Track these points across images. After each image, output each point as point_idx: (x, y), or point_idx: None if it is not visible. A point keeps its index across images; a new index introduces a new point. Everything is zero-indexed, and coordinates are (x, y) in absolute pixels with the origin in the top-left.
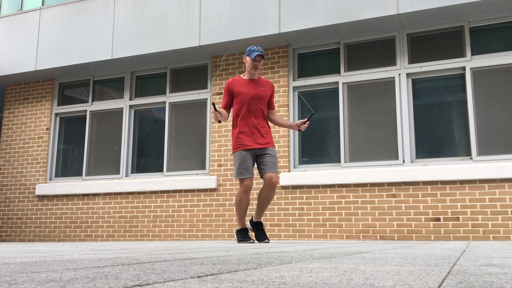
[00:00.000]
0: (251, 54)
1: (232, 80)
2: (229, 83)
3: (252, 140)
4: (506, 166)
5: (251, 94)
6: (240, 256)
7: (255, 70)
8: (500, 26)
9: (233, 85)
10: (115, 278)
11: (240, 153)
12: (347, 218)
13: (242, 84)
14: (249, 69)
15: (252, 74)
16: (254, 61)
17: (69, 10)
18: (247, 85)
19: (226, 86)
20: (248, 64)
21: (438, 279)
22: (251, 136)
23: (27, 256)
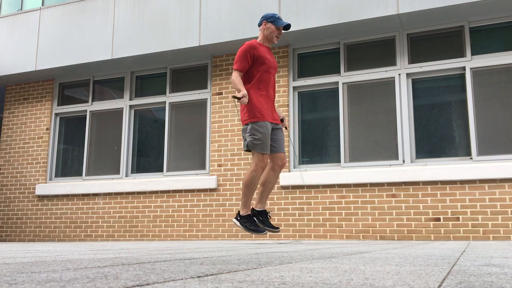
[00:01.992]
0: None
1: (255, 43)
2: (252, 46)
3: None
4: (506, 166)
5: (273, 64)
6: (240, 256)
7: (276, 39)
8: (500, 26)
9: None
10: (115, 278)
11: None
12: (347, 218)
13: (264, 51)
14: (270, 36)
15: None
16: (278, 30)
17: (69, 10)
18: (268, 53)
19: (248, 48)
20: (271, 31)
21: (438, 279)
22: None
23: (27, 256)
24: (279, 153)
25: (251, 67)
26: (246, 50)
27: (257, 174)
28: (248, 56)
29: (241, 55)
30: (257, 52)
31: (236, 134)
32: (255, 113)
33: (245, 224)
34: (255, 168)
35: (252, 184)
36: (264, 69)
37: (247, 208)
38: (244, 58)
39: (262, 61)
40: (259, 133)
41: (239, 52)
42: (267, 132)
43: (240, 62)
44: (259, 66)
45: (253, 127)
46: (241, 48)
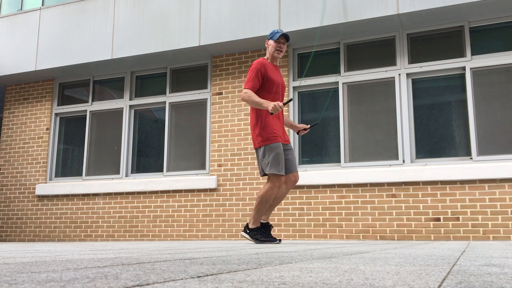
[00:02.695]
0: (274, 36)
1: (264, 62)
2: (262, 64)
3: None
4: (506, 166)
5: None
6: (240, 256)
7: (278, 53)
8: (500, 26)
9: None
10: (115, 278)
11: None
12: (347, 218)
13: (272, 70)
14: (272, 51)
15: (275, 58)
16: (277, 43)
17: (69, 10)
18: (275, 71)
19: (259, 66)
20: (271, 47)
21: (438, 279)
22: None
23: (27, 256)
24: (292, 173)
25: (261, 88)
26: (257, 69)
27: (273, 192)
28: (259, 75)
29: (251, 74)
30: (266, 72)
31: (236, 134)
32: (268, 135)
33: (256, 236)
34: (272, 186)
35: (267, 201)
36: (273, 91)
37: (257, 223)
38: (255, 77)
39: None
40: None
41: (251, 71)
42: (281, 152)
43: (251, 81)
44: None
45: (266, 149)
46: (252, 67)
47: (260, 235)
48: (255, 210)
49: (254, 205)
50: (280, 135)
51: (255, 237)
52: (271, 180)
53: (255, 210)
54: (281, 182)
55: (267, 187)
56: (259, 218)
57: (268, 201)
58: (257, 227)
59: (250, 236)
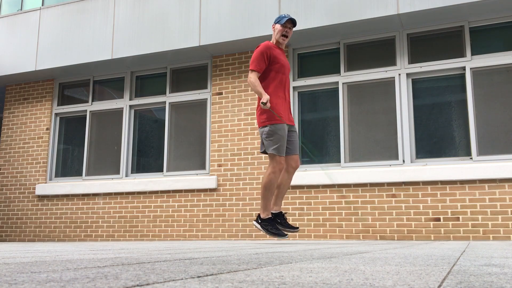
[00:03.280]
0: (281, 20)
1: (270, 44)
2: (268, 47)
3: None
4: (506, 166)
5: (287, 65)
6: (240, 256)
7: (284, 39)
8: (500, 26)
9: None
10: (115, 278)
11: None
12: (347, 218)
13: (278, 52)
14: (277, 36)
15: (281, 43)
16: (284, 28)
17: (69, 10)
18: (282, 54)
19: (264, 48)
20: (277, 31)
21: (438, 279)
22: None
23: (27, 256)
24: (293, 155)
25: (267, 68)
26: (262, 50)
27: (276, 176)
28: (265, 56)
29: (257, 56)
30: (272, 53)
31: (236, 134)
32: (273, 115)
33: (267, 227)
34: (273, 170)
35: (271, 186)
36: (280, 71)
37: (267, 211)
38: (261, 58)
39: (277, 62)
40: (277, 135)
41: (256, 53)
42: (284, 134)
43: (257, 62)
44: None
45: (271, 129)
46: (257, 49)
47: (272, 226)
48: (262, 198)
49: (261, 194)
50: (286, 116)
51: (266, 228)
52: (271, 164)
53: (262, 198)
54: (281, 164)
55: (268, 172)
56: (268, 205)
57: (272, 185)
58: (268, 218)
59: (261, 226)
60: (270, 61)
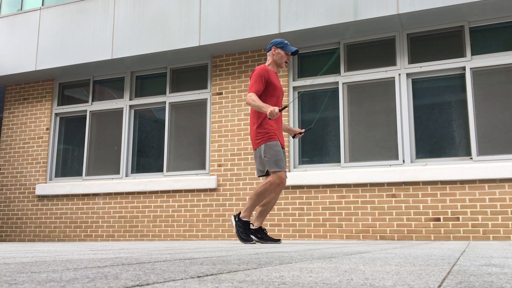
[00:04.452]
0: (286, 47)
1: (267, 68)
2: (265, 70)
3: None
4: (506, 166)
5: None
6: (240, 256)
7: (286, 65)
8: (500, 26)
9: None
10: (115, 278)
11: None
12: (347, 218)
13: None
14: (279, 61)
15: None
16: (287, 56)
17: (69, 10)
18: (277, 78)
19: (262, 72)
20: (280, 56)
21: (438, 279)
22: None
23: (27, 256)
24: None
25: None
26: (261, 74)
27: (271, 188)
28: (263, 79)
29: (256, 79)
30: (269, 77)
31: (236, 134)
32: (268, 135)
33: (239, 229)
34: (272, 182)
35: (263, 195)
36: (274, 95)
37: (248, 213)
38: (259, 81)
39: (273, 86)
40: (273, 151)
41: (254, 76)
42: (280, 150)
43: (255, 85)
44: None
45: (266, 146)
46: (255, 72)
47: (244, 231)
48: (250, 201)
49: (251, 197)
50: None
51: (238, 230)
52: (272, 177)
53: (250, 201)
54: (282, 179)
55: (267, 182)
56: (251, 210)
57: (264, 195)
58: (245, 221)
59: (236, 224)
60: (267, 84)
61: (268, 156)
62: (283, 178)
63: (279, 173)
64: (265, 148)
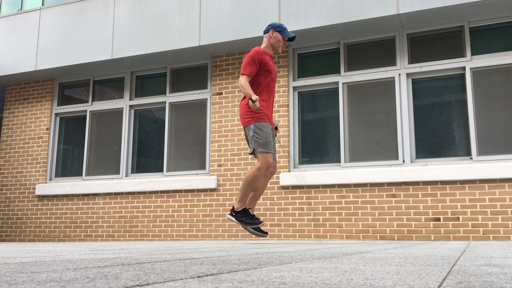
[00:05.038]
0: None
1: (261, 50)
2: (260, 53)
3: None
4: (506, 166)
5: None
6: (240, 256)
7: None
8: (500, 26)
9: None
10: (115, 278)
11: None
12: (347, 218)
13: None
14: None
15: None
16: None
17: (69, 10)
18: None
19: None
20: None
21: (438, 279)
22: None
23: (27, 256)
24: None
25: (257, 73)
26: (254, 56)
27: (261, 173)
28: (256, 61)
29: (249, 61)
30: (263, 59)
31: (236, 134)
32: (258, 115)
33: (241, 218)
34: (260, 166)
35: (254, 181)
36: (268, 77)
37: (242, 203)
38: (252, 63)
39: (268, 69)
40: (263, 132)
41: (247, 58)
42: (270, 132)
43: (248, 67)
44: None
45: (256, 127)
46: (249, 54)
47: (246, 217)
48: (242, 190)
49: (241, 186)
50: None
51: (241, 219)
52: (258, 160)
53: (242, 190)
54: (269, 160)
55: (255, 167)
56: (245, 199)
57: (255, 181)
58: (243, 209)
59: (236, 218)
60: (261, 66)
61: (256, 136)
62: (270, 161)
63: (266, 155)
64: (255, 128)
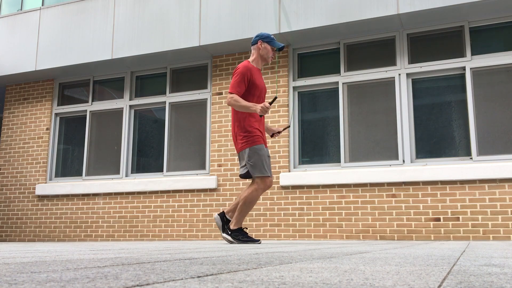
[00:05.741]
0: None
1: (250, 66)
2: (248, 68)
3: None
4: (506, 166)
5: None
6: (240, 256)
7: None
8: (500, 26)
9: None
10: (115, 278)
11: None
12: (347, 218)
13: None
14: (265, 56)
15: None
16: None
17: (69, 10)
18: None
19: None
20: (266, 51)
21: (438, 279)
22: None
23: (27, 256)
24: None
25: (245, 91)
26: (243, 73)
27: (258, 194)
28: (245, 79)
29: (238, 80)
30: (252, 77)
31: None
32: (253, 138)
33: (238, 237)
34: (258, 187)
35: (251, 203)
36: (256, 94)
37: (239, 224)
38: (241, 82)
39: (256, 86)
40: (258, 156)
41: (237, 75)
42: (265, 153)
43: (237, 86)
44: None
45: (251, 151)
46: (237, 71)
47: (242, 235)
48: (239, 211)
49: (239, 207)
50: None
51: (237, 238)
52: (256, 182)
53: (239, 211)
54: (266, 184)
55: (252, 188)
56: (241, 219)
57: (253, 202)
58: (238, 228)
59: (232, 237)
60: (250, 84)
61: (252, 161)
62: (267, 183)
63: (263, 178)
64: (250, 153)
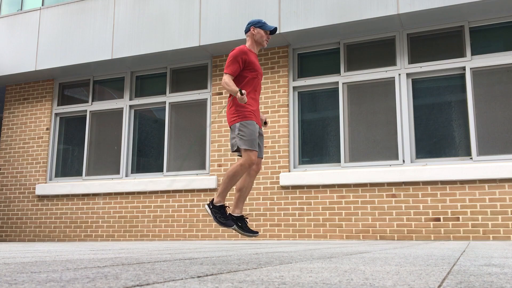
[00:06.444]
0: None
1: (246, 49)
2: (243, 51)
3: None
4: (506, 166)
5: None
6: (240, 256)
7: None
8: (500, 26)
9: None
10: (115, 278)
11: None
12: (347, 218)
13: (254, 57)
14: (260, 40)
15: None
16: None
17: (69, 10)
18: (256, 59)
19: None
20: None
21: (438, 279)
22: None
23: (27, 256)
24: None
25: (242, 73)
26: (237, 54)
27: (243, 169)
28: (239, 60)
29: (232, 60)
30: (248, 58)
31: None
32: (244, 112)
33: (216, 215)
34: (243, 163)
35: (235, 177)
36: (254, 76)
37: (221, 197)
38: (235, 62)
39: (252, 67)
40: (248, 130)
41: (230, 56)
42: (255, 130)
43: (232, 66)
44: (249, 71)
45: (241, 125)
46: (232, 53)
47: (221, 215)
48: (223, 184)
49: (222, 181)
50: (256, 117)
51: (215, 215)
52: (243, 157)
53: (223, 184)
54: (253, 158)
55: (238, 163)
56: (224, 194)
57: (237, 177)
58: (220, 205)
59: (211, 211)
60: (245, 66)
61: (241, 134)
62: (253, 159)
63: (250, 152)
64: (240, 126)
